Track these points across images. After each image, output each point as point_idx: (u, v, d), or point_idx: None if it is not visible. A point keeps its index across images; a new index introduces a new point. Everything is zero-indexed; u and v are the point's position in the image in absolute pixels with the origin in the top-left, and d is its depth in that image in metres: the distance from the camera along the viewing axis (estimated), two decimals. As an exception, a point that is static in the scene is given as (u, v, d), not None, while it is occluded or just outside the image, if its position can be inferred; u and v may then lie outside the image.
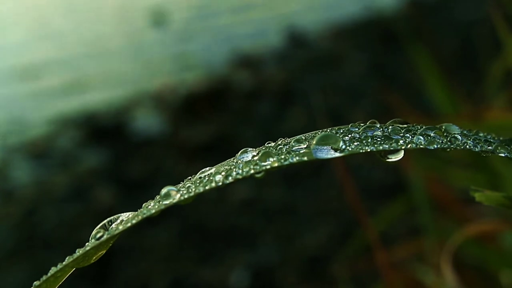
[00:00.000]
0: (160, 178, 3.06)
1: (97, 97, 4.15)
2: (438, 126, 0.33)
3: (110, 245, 0.33)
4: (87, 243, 0.32)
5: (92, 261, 0.33)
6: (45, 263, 2.45)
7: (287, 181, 2.87)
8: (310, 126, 3.19)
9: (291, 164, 0.29)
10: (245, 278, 2.33)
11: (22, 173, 3.33)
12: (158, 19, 5.52)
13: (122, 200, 2.87)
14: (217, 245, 2.54)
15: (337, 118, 3.22)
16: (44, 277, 0.32)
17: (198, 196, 0.31)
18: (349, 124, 0.34)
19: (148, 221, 2.77)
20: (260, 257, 2.42)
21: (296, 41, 4.79)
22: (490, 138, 0.32)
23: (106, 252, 0.35)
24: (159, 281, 2.36)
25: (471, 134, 0.33)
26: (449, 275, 0.84)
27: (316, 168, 2.90)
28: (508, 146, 0.31)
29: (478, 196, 0.36)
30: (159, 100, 3.99)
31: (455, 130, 0.33)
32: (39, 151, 3.52)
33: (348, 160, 2.61)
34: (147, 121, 3.76)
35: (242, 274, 2.34)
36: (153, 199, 0.33)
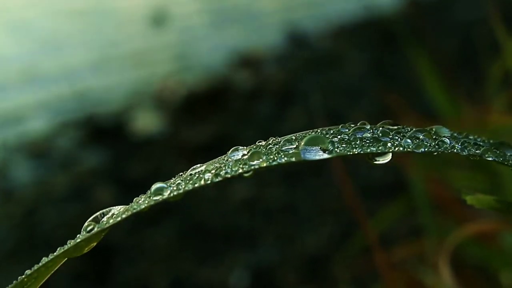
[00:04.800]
0: (160, 178, 3.05)
1: (97, 97, 4.15)
2: (428, 129, 0.33)
3: (102, 237, 0.33)
4: (78, 235, 0.33)
5: (84, 252, 0.34)
6: (45, 263, 2.44)
7: (287, 181, 2.87)
8: (310, 126, 3.18)
9: (280, 164, 0.29)
10: (245, 278, 2.33)
11: (22, 173, 3.33)
12: (158, 19, 5.53)
13: (122, 200, 2.86)
14: (217, 245, 2.54)
15: (337, 118, 3.22)
16: (36, 267, 0.32)
17: (198, 195, 0.32)
18: (340, 125, 0.34)
19: (148, 220, 2.77)
20: (260, 257, 2.42)
21: (296, 41, 4.79)
22: (480, 141, 0.32)
23: (106, 252, 0.35)
24: (159, 281, 2.36)
25: (460, 137, 0.33)
26: (446, 274, 0.84)
27: (317, 167, 2.90)
28: (497, 149, 0.31)
29: (469, 199, 0.36)
30: (159, 100, 3.99)
31: (445, 132, 0.32)
32: (39, 151, 3.52)
33: (348, 159, 2.61)
34: (147, 121, 3.76)
35: (242, 274, 2.34)
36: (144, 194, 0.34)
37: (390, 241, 1.97)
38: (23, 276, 0.33)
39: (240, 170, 0.30)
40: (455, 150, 0.31)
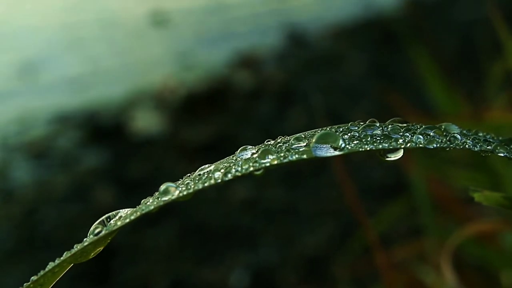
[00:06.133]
0: (160, 178, 3.05)
1: (97, 97, 4.15)
2: (437, 126, 0.33)
3: (109, 241, 0.33)
4: (85, 239, 0.32)
5: (90, 257, 0.33)
6: (45, 264, 2.45)
7: (287, 182, 2.87)
8: (310, 126, 3.18)
9: (290, 162, 0.29)
10: (245, 278, 2.33)
11: (22, 173, 3.33)
12: (158, 19, 5.53)
13: (122, 200, 2.86)
14: (217, 245, 2.54)
15: (337, 118, 3.22)
16: (42, 272, 0.32)
17: (199, 196, 0.31)
18: (349, 123, 0.34)
19: (148, 221, 2.77)
20: (260, 257, 2.42)
21: (296, 41, 4.79)
22: (489, 138, 0.32)
23: (106, 253, 0.35)
24: (159, 281, 2.36)
25: (470, 133, 0.33)
26: (448, 274, 0.84)
27: (317, 167, 2.90)
28: (508, 146, 0.31)
29: (477, 196, 0.36)
30: (159, 100, 3.99)
31: (455, 129, 0.32)
32: (39, 151, 3.52)
33: (348, 159, 2.61)
34: (147, 121, 3.76)
35: (242, 274, 2.34)
36: (152, 195, 0.33)
37: (391, 241, 1.97)
38: (29, 283, 0.32)
39: (251, 169, 0.30)
40: (467, 146, 0.31)
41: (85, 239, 0.32)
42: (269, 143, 0.33)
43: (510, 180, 1.12)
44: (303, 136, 0.32)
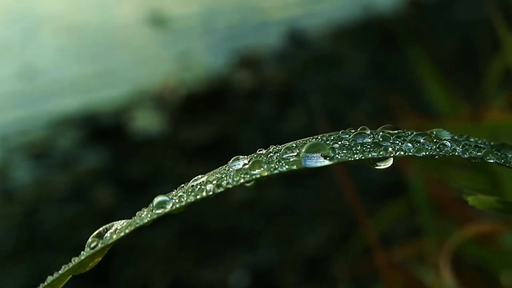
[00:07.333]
0: (160, 178, 3.06)
1: (97, 97, 4.15)
2: (428, 132, 0.33)
3: (106, 252, 0.33)
4: (82, 252, 0.33)
5: (88, 268, 0.34)
6: (45, 263, 2.46)
7: (287, 182, 2.87)
8: (310, 126, 3.19)
9: (281, 173, 0.29)
10: (244, 278, 2.33)
11: (22, 173, 3.33)
12: (158, 19, 5.53)
13: (122, 200, 2.87)
14: (216, 245, 2.54)
15: (337, 118, 3.22)
16: (41, 286, 0.33)
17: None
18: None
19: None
20: (259, 257, 2.42)
21: (296, 41, 4.79)
22: (480, 143, 0.32)
23: (105, 252, 0.35)
24: (159, 281, 2.36)
25: (461, 139, 0.33)
26: (447, 275, 0.84)
27: (316, 168, 2.89)
28: (498, 151, 0.31)
29: (471, 200, 0.36)
30: (159, 100, 3.99)
31: (446, 136, 0.32)
32: (39, 151, 3.52)
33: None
34: (147, 121, 3.76)
35: (241, 274, 2.34)
36: (146, 206, 0.34)
37: (390, 241, 1.97)
38: None
39: (242, 180, 0.30)
40: (456, 153, 0.31)
41: (82, 252, 0.33)
42: (261, 152, 0.33)
43: (509, 181, 1.12)
44: (294, 145, 0.32)
